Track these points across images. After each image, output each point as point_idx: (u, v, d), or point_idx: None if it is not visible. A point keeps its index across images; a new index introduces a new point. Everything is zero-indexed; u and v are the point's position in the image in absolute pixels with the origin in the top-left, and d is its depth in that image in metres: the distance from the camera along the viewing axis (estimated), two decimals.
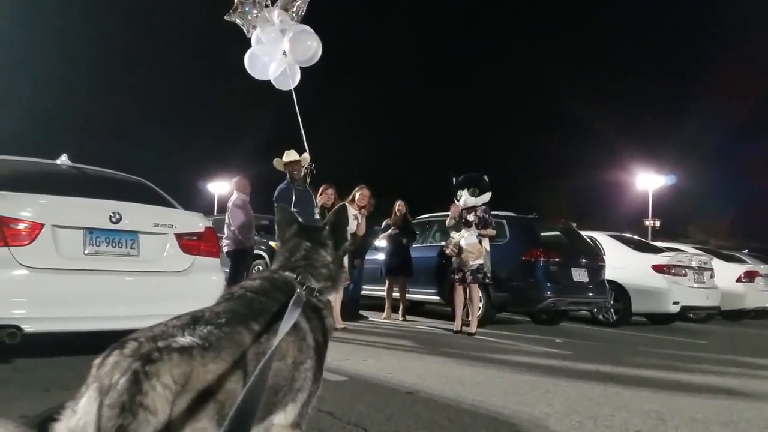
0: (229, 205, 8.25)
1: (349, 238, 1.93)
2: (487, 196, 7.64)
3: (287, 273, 1.74)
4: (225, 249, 8.12)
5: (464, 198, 7.63)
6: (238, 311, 1.47)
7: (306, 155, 7.47)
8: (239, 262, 8.07)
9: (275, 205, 6.95)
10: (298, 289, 1.64)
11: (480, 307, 7.99)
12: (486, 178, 7.79)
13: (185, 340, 1.24)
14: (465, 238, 7.37)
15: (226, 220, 8.18)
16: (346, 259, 1.83)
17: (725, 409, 3.80)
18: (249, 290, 1.62)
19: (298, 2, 7.69)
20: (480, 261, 7.34)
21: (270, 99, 8.45)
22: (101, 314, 3.97)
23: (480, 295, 7.71)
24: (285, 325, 1.41)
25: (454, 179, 7.88)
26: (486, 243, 7.51)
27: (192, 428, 1.16)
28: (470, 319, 7.46)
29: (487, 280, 7.54)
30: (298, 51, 7.61)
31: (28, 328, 3.72)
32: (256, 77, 8.09)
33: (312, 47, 7.67)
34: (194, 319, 1.34)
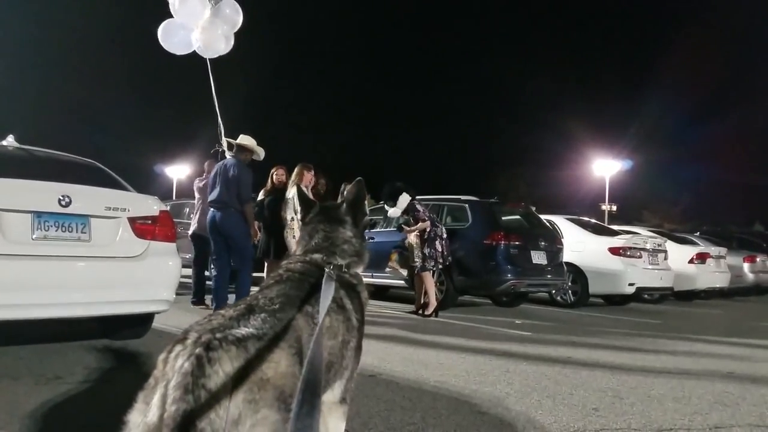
0: (199, 185, 8.11)
1: (367, 212, 1.97)
2: (404, 200, 7.81)
3: (315, 255, 1.77)
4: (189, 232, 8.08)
5: (391, 211, 8.11)
6: (289, 294, 1.50)
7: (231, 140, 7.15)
8: (205, 245, 7.72)
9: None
10: (327, 269, 1.67)
11: (439, 292, 8.19)
12: (391, 185, 8.00)
13: (241, 331, 1.27)
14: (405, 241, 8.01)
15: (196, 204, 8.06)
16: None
17: (678, 386, 3.92)
18: (295, 271, 1.67)
19: None
20: (438, 244, 7.70)
21: (229, 80, 8.19)
22: (51, 301, 3.81)
23: (426, 282, 7.75)
24: (324, 302, 1.44)
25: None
26: (413, 236, 7.78)
27: (252, 420, 1.18)
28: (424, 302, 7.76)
29: (430, 268, 7.73)
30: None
31: None
32: (175, 52, 7.81)
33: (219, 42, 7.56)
34: (249, 308, 1.37)
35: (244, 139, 6.96)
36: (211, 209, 6.79)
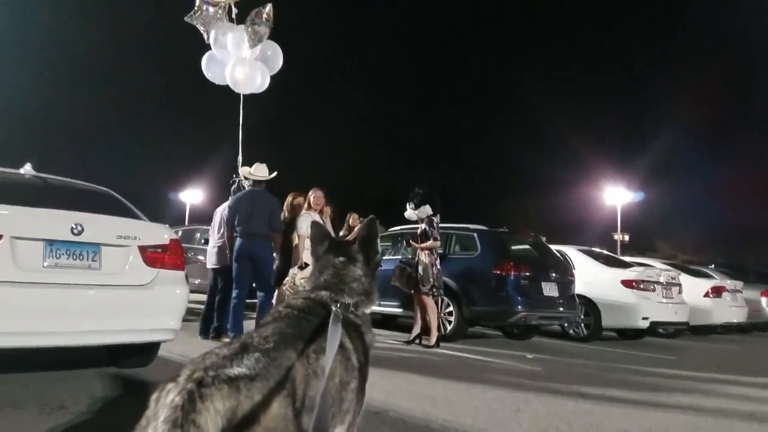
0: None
1: (380, 250, 1.93)
2: (425, 210, 7.80)
3: (322, 292, 1.75)
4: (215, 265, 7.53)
5: (407, 212, 8.03)
6: (285, 332, 1.48)
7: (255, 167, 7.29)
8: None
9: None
10: (333, 307, 1.64)
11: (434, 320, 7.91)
12: (420, 191, 7.95)
13: (234, 371, 1.26)
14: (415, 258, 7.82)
15: (217, 231, 7.55)
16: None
17: (694, 427, 3.81)
18: (295, 308, 1.65)
19: (260, 28, 7.58)
20: (430, 274, 7.57)
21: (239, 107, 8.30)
22: (61, 329, 3.82)
23: (429, 306, 7.63)
24: (331, 348, 1.42)
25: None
26: (424, 255, 7.65)
27: None
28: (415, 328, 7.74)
29: (435, 293, 7.62)
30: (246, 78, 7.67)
31: None
32: (215, 81, 7.98)
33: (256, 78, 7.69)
34: (243, 347, 1.36)
35: (259, 169, 7.17)
36: (240, 238, 6.86)
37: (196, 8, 7.52)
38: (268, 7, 7.60)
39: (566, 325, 9.80)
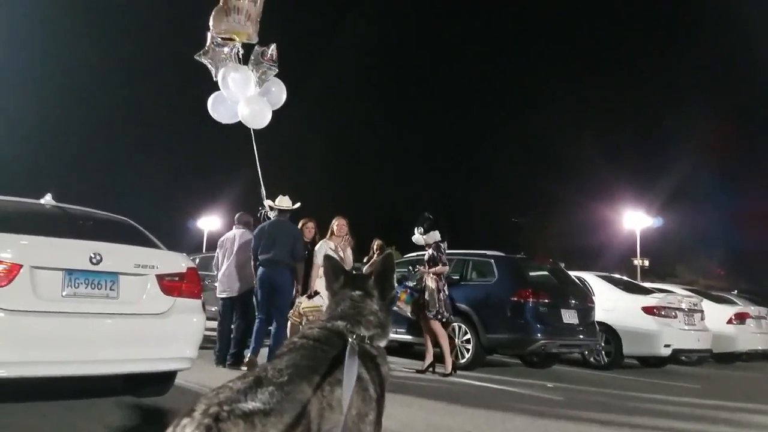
0: (240, 242, 7.59)
1: (395, 285, 1.94)
2: (434, 235, 7.79)
3: (338, 322, 1.74)
4: (226, 294, 7.53)
5: (415, 236, 8.03)
6: (300, 364, 1.47)
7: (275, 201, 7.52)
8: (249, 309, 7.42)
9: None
10: (350, 338, 1.63)
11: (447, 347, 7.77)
12: (431, 216, 7.96)
13: (248, 405, 1.26)
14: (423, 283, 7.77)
15: (234, 261, 7.51)
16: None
17: None
18: (310, 338, 1.64)
19: (266, 69, 7.74)
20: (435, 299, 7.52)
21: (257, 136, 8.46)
22: (79, 358, 3.85)
23: (437, 332, 7.53)
24: (348, 381, 1.42)
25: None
26: (431, 280, 7.60)
27: None
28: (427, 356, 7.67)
29: (441, 317, 7.53)
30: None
31: (3, 373, 3.58)
32: (221, 120, 8.14)
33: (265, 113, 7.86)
34: (258, 381, 1.36)
35: (283, 201, 7.45)
36: (261, 266, 7.00)
37: (206, 48, 7.71)
38: (272, 48, 7.75)
39: (587, 353, 9.63)
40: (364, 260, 9.37)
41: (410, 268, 8.24)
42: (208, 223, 37.91)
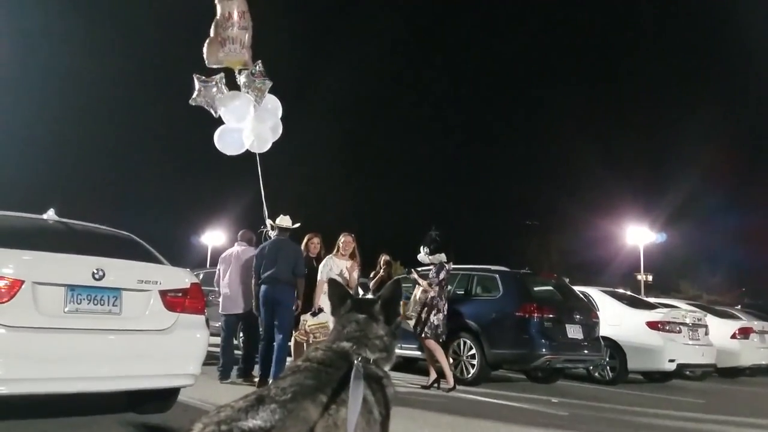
0: (243, 259, 7.62)
1: (401, 312, 1.93)
2: (439, 257, 7.80)
3: (344, 343, 1.73)
4: (231, 311, 7.55)
5: (421, 255, 8.00)
6: (303, 383, 1.46)
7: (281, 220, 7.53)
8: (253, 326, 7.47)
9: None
10: (356, 360, 1.62)
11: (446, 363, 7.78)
12: (438, 237, 7.92)
13: (248, 423, 1.25)
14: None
15: (238, 279, 7.54)
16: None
17: None
18: (314, 361, 1.63)
19: (261, 84, 7.80)
20: (433, 315, 7.52)
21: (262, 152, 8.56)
22: (80, 375, 3.82)
23: (432, 348, 7.55)
24: (354, 403, 1.40)
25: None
26: (420, 291, 7.72)
27: None
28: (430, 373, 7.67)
29: (425, 336, 7.54)
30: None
31: (3, 390, 3.56)
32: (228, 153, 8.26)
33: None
34: (259, 399, 1.35)
35: (284, 221, 7.46)
36: (263, 284, 7.02)
37: (196, 92, 7.80)
38: (258, 63, 7.81)
39: (591, 368, 9.56)
40: (371, 275, 9.31)
41: (408, 271, 8.30)
42: (212, 238, 37.77)
